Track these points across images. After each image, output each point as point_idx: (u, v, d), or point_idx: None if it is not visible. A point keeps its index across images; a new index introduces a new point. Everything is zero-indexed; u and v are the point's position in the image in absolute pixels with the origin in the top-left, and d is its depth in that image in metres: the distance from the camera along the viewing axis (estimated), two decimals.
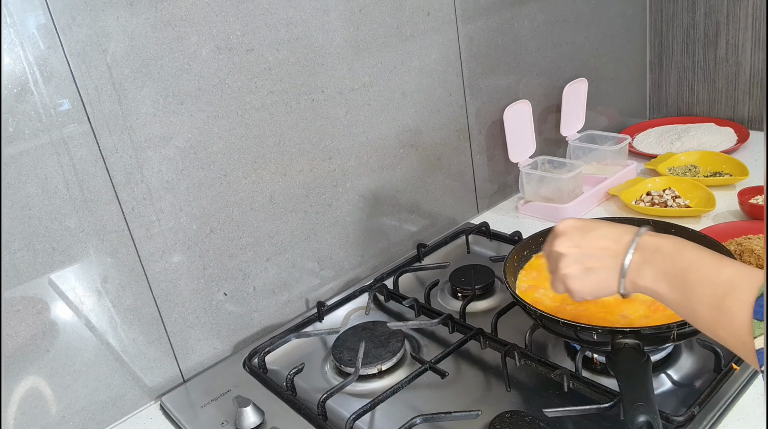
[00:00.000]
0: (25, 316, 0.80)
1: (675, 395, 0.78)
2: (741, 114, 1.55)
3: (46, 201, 0.79)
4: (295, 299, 1.08)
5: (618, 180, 1.34)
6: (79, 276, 0.84)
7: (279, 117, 0.98)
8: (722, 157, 1.36)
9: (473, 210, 1.35)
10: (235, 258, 0.98)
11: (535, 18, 1.33)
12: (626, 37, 1.59)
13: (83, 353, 0.86)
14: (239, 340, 1.02)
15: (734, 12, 1.47)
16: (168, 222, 0.90)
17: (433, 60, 1.17)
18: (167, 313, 0.93)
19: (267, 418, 0.84)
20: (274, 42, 0.95)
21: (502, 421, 0.75)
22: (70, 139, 0.79)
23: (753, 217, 1.12)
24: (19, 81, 0.75)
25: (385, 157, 1.15)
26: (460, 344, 0.90)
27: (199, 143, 0.91)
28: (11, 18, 0.73)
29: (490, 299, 1.04)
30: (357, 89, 1.07)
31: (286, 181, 1.02)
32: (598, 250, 0.65)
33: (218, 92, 0.91)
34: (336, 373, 0.93)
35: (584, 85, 1.41)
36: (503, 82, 1.31)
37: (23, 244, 0.79)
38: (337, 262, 1.13)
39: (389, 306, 1.08)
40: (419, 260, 1.18)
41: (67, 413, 0.86)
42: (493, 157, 1.34)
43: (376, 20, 1.07)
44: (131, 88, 0.83)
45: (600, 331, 0.72)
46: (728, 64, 1.53)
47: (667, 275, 0.59)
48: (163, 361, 0.94)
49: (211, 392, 0.91)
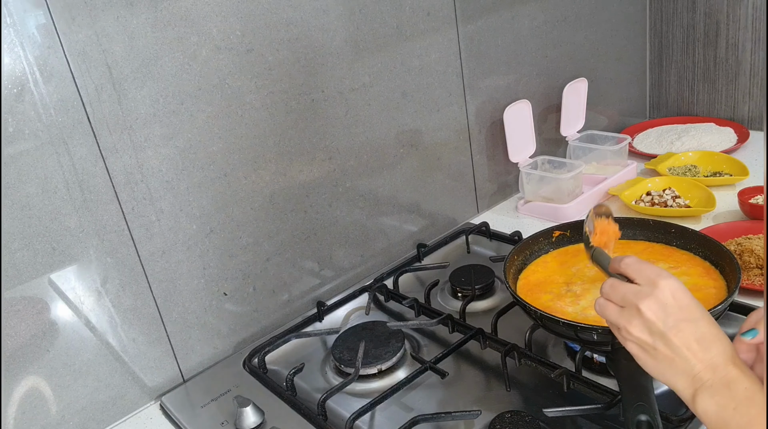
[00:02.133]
0: (25, 316, 0.80)
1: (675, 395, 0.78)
2: (741, 114, 1.55)
3: (46, 201, 0.79)
4: (294, 299, 1.08)
5: (618, 180, 1.34)
6: (79, 276, 0.84)
7: (279, 117, 0.98)
8: (722, 157, 1.36)
9: (473, 210, 1.35)
10: (235, 258, 0.98)
11: (535, 18, 1.33)
12: (626, 37, 1.59)
13: (83, 353, 0.86)
14: (239, 340, 1.02)
15: (734, 12, 1.47)
16: (168, 222, 0.90)
17: (433, 60, 1.17)
18: (167, 313, 0.93)
19: (267, 418, 0.84)
20: (274, 42, 0.95)
21: (502, 421, 0.75)
22: (70, 139, 0.79)
23: (753, 217, 1.12)
24: (19, 81, 0.75)
25: (385, 157, 1.15)
26: (460, 344, 0.90)
27: (199, 143, 0.91)
28: (11, 18, 0.73)
29: (490, 299, 1.04)
30: (357, 89, 1.07)
31: (286, 181, 1.02)
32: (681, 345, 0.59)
33: (218, 92, 0.91)
34: (336, 373, 0.93)
35: (584, 85, 1.41)
36: (503, 82, 1.31)
37: (23, 244, 0.79)
38: (337, 262, 1.13)
39: (389, 306, 1.08)
40: (419, 260, 1.18)
41: (67, 413, 0.86)
42: (493, 157, 1.34)
43: (376, 20, 1.07)
44: (131, 88, 0.83)
45: (600, 331, 0.72)
46: (728, 64, 1.53)
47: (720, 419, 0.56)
48: (163, 361, 0.94)
49: (211, 392, 0.91)
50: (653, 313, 0.60)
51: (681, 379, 0.59)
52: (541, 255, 0.95)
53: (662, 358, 0.60)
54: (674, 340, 0.59)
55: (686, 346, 0.58)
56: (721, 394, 0.56)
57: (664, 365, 0.60)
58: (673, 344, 0.59)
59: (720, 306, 0.74)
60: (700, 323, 0.59)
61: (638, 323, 0.61)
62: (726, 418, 0.55)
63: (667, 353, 0.59)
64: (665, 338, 0.59)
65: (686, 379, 0.58)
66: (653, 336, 0.60)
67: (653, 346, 0.60)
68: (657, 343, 0.60)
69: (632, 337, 0.61)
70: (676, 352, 0.59)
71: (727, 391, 0.56)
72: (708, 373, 0.57)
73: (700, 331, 0.59)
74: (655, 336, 0.60)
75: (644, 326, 0.60)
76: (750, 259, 0.98)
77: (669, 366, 0.59)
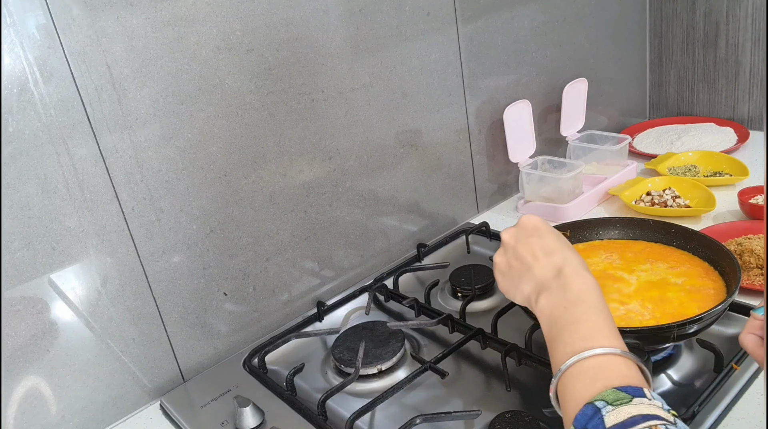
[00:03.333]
0: (25, 316, 0.80)
1: (675, 395, 0.78)
2: (741, 114, 1.55)
3: (46, 201, 0.79)
4: (294, 299, 1.08)
5: (618, 180, 1.34)
6: (79, 276, 0.84)
7: (279, 117, 0.98)
8: (722, 157, 1.36)
9: (473, 210, 1.35)
10: (235, 258, 0.98)
11: (535, 18, 1.33)
12: (626, 37, 1.59)
13: (83, 353, 0.86)
14: (239, 340, 1.02)
15: (734, 12, 1.47)
16: (168, 222, 0.90)
17: (433, 60, 1.17)
18: (167, 313, 0.93)
19: (267, 418, 0.84)
20: (274, 42, 0.95)
21: (502, 421, 0.75)
22: (70, 139, 0.79)
23: (753, 217, 1.12)
24: (19, 81, 0.75)
25: (385, 157, 1.15)
26: (460, 344, 0.90)
27: (199, 143, 0.91)
28: (11, 18, 0.73)
29: (490, 299, 1.04)
30: (357, 89, 1.07)
31: (286, 181, 1.02)
32: (527, 254, 0.66)
33: (218, 92, 0.91)
34: (336, 373, 0.93)
35: (584, 85, 1.41)
36: (503, 82, 1.31)
37: (23, 244, 0.79)
38: (337, 262, 1.13)
39: (389, 306, 1.08)
40: (419, 260, 1.18)
41: (67, 413, 0.86)
42: (493, 157, 1.34)
43: (376, 20, 1.07)
44: (131, 88, 0.83)
45: None
46: (728, 64, 1.53)
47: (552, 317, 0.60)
48: (163, 361, 0.94)
49: (211, 392, 0.91)
50: (509, 236, 0.69)
51: (528, 286, 0.65)
52: None
53: (514, 272, 0.67)
54: (521, 250, 0.67)
55: (532, 254, 0.66)
56: (556, 295, 0.61)
57: (516, 278, 0.67)
58: (520, 255, 0.67)
59: (720, 306, 0.74)
60: (546, 238, 0.67)
61: (500, 251, 0.70)
62: (557, 315, 0.60)
63: (516, 265, 0.67)
64: (515, 251, 0.67)
65: (533, 284, 0.65)
66: (507, 254, 0.69)
67: (508, 264, 0.68)
68: (510, 259, 0.68)
69: (495, 263, 0.70)
70: (523, 261, 0.66)
71: (563, 292, 0.61)
72: (550, 274, 0.63)
73: (546, 242, 0.66)
74: (508, 253, 0.69)
75: (502, 249, 0.70)
76: (750, 259, 0.98)
77: (519, 277, 0.66)
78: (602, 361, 0.53)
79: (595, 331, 0.56)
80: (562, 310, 0.59)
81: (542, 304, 0.62)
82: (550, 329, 0.60)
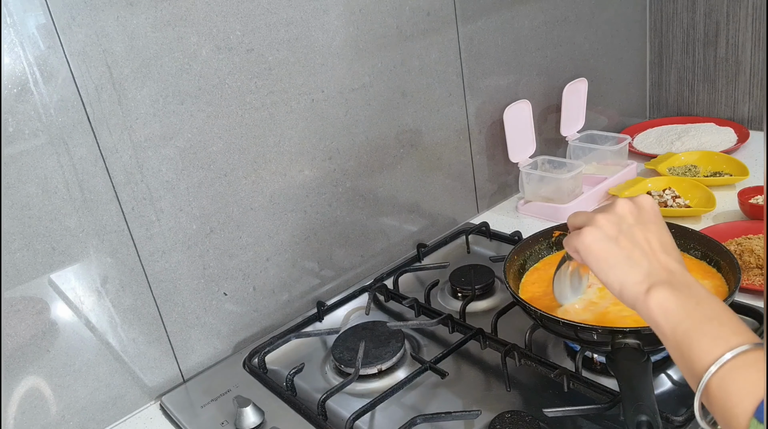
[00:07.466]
0: (25, 316, 0.80)
1: (675, 395, 0.78)
2: (741, 114, 1.55)
3: (46, 201, 0.79)
4: (294, 299, 1.08)
5: (618, 180, 1.34)
6: (79, 276, 0.84)
7: (279, 117, 0.98)
8: (722, 157, 1.36)
9: (473, 210, 1.35)
10: (235, 258, 0.98)
11: (535, 18, 1.33)
12: (626, 37, 1.59)
13: (83, 353, 0.86)
14: (239, 340, 1.02)
15: (734, 12, 1.47)
16: (168, 222, 0.90)
17: (433, 60, 1.17)
18: (167, 313, 0.93)
19: (267, 418, 0.84)
20: (274, 42, 0.95)
21: (502, 421, 0.75)
22: (70, 139, 0.80)
23: (753, 217, 1.12)
24: (19, 81, 0.75)
25: (384, 157, 1.15)
26: (460, 344, 0.90)
27: (199, 143, 0.91)
28: (11, 18, 0.73)
29: (490, 299, 1.04)
30: (357, 89, 1.07)
31: (286, 181, 1.02)
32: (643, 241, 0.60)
33: (218, 92, 0.91)
34: (336, 373, 0.93)
35: (584, 85, 1.41)
36: (503, 82, 1.31)
37: (23, 244, 0.79)
38: (337, 262, 1.13)
39: (389, 306, 1.08)
40: (419, 260, 1.18)
41: (67, 413, 0.86)
42: (493, 157, 1.34)
43: (376, 20, 1.07)
44: (131, 88, 0.83)
45: (600, 331, 0.72)
46: (728, 64, 1.53)
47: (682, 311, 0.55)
48: (163, 361, 0.94)
49: (211, 392, 0.91)
50: (628, 209, 0.63)
51: (634, 273, 0.59)
52: (541, 256, 0.95)
53: (620, 251, 0.60)
54: (639, 235, 0.61)
55: (648, 243, 0.60)
56: (681, 291, 0.56)
57: (619, 258, 0.60)
58: (636, 238, 0.60)
59: None
60: (665, 232, 0.62)
61: (610, 217, 0.62)
62: (688, 309, 0.55)
63: (627, 245, 0.60)
64: (631, 232, 0.61)
65: (640, 273, 0.59)
66: (620, 227, 0.61)
67: (615, 237, 0.61)
68: (621, 235, 0.61)
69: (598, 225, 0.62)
70: (637, 246, 0.60)
71: (688, 289, 0.57)
72: (664, 273, 0.58)
73: (665, 238, 0.61)
74: (622, 228, 0.61)
75: (615, 220, 0.62)
76: (750, 259, 0.98)
77: (625, 259, 0.60)
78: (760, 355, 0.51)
79: (742, 327, 0.53)
80: (693, 305, 0.55)
81: (662, 297, 0.56)
82: (677, 325, 0.55)
